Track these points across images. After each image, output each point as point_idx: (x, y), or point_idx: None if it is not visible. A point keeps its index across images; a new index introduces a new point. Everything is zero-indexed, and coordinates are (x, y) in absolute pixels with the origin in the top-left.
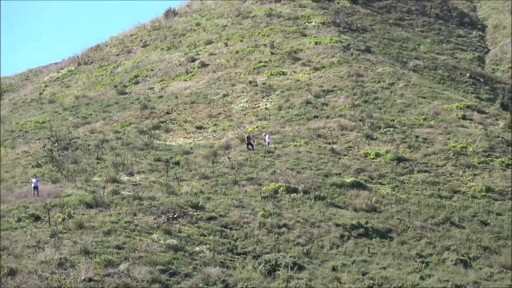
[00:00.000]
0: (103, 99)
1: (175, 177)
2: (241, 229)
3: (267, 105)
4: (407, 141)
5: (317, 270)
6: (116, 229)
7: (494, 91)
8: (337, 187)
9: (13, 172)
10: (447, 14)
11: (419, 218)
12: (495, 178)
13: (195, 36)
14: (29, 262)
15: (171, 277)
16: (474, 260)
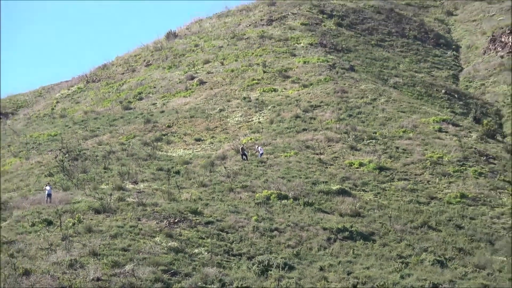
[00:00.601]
0: (109, 114)
1: (175, 185)
2: (237, 232)
3: (260, 119)
4: (388, 152)
5: (306, 270)
6: (122, 233)
7: (467, 106)
8: (324, 194)
9: (28, 180)
10: (424, 35)
11: (399, 222)
12: (468, 186)
13: (194, 56)
14: (42, 263)
15: (172, 277)
16: (449, 260)
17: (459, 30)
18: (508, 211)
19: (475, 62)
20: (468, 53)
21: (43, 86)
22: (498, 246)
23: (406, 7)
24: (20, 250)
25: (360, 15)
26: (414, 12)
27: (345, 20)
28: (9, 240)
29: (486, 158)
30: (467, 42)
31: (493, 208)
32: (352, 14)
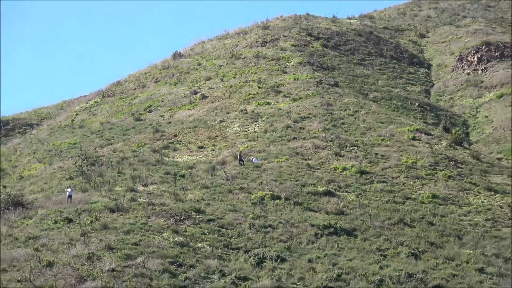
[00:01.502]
0: (123, 125)
1: (181, 187)
2: (235, 229)
3: (255, 129)
4: (368, 158)
5: (296, 262)
6: (134, 229)
7: (438, 117)
8: (312, 195)
9: (51, 183)
10: (400, 55)
11: (378, 220)
12: (439, 187)
13: (197, 73)
14: (63, 256)
15: (178, 268)
16: (422, 253)
17: (430, 50)
18: (474, 210)
19: (444, 78)
20: (438, 71)
21: (64, 100)
22: (465, 240)
23: (384, 30)
24: (44, 244)
25: (343, 37)
26: (391, 35)
27: (330, 42)
28: (34, 236)
29: (454, 163)
30: (437, 61)
31: (461, 207)
32: (336, 37)
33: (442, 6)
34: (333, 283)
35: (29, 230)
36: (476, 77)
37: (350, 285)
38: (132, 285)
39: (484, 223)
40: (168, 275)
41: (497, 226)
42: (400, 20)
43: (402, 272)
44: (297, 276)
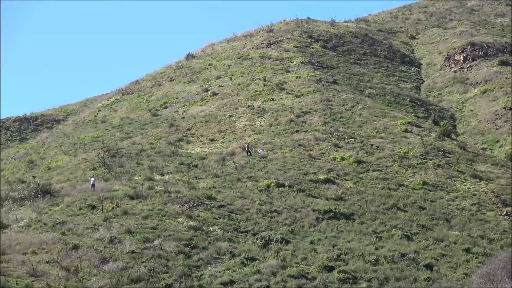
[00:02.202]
0: (141, 120)
1: (194, 176)
2: (243, 214)
3: (261, 123)
4: (364, 148)
5: (299, 244)
6: (152, 215)
7: (428, 111)
8: (313, 182)
9: (76, 173)
10: (392, 55)
11: (374, 205)
12: (429, 175)
13: (208, 73)
14: (87, 239)
15: (192, 250)
16: (414, 235)
17: (420, 50)
18: (461, 195)
19: (433, 76)
20: (428, 69)
21: (87, 98)
22: (453, 223)
23: (378, 32)
24: (70, 229)
25: (341, 39)
26: (384, 37)
27: (329, 43)
28: (61, 221)
29: (443, 153)
30: (427, 60)
31: (449, 193)
32: (334, 38)
33: (431, 10)
34: (333, 262)
35: (56, 216)
36: (462, 74)
37: (349, 265)
38: (150, 265)
39: (470, 208)
40: (183, 256)
41: (482, 210)
42: (392, 23)
43: (395, 252)
44: (300, 257)
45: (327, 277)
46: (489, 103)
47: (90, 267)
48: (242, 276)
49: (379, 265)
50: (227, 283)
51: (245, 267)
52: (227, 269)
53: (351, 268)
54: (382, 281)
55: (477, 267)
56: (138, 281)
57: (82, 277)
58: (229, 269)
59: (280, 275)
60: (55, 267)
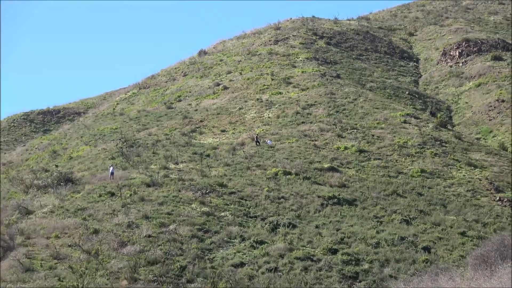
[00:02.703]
0: (156, 112)
1: (206, 165)
2: (253, 200)
3: (269, 115)
4: (366, 138)
5: (305, 228)
6: (167, 201)
7: (425, 103)
8: (318, 170)
9: (96, 163)
10: (392, 51)
11: (375, 191)
12: (427, 163)
13: (219, 68)
14: (107, 224)
15: (205, 234)
16: (413, 219)
17: (418, 46)
18: (457, 182)
19: (430, 70)
20: (425, 64)
21: (106, 92)
22: (449, 208)
23: (378, 29)
24: (90, 214)
25: (344, 36)
26: (384, 34)
27: (333, 40)
28: (82, 207)
29: (439, 142)
30: (424, 55)
31: (445, 180)
32: (337, 35)
33: (428, 8)
34: (337, 245)
35: (78, 203)
36: (457, 69)
37: (351, 247)
38: (166, 248)
39: (465, 194)
40: (196, 240)
41: (476, 196)
42: (392, 21)
43: (395, 236)
44: (306, 240)
45: (331, 259)
46: (483, 96)
47: (110, 250)
48: (252, 258)
49: (380, 248)
50: (237, 265)
51: (255, 250)
52: (238, 252)
53: (354, 251)
54: (383, 262)
55: (472, 249)
56: (155, 263)
57: (102, 260)
58: (239, 252)
59: (287, 257)
60: (76, 250)
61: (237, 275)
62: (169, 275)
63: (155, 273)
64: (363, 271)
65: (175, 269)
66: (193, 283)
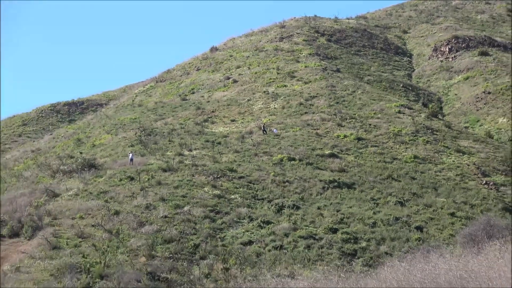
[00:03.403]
0: (172, 104)
1: (218, 151)
2: (260, 183)
3: (275, 106)
4: (364, 127)
5: (308, 209)
6: (181, 185)
7: (418, 95)
8: (320, 157)
9: (116, 150)
10: (387, 47)
11: (372, 175)
12: (419, 150)
13: (229, 63)
14: (127, 206)
15: (216, 215)
16: (407, 201)
17: (411, 43)
18: (447, 167)
19: (422, 65)
20: (418, 59)
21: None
22: (440, 191)
23: (375, 27)
24: (112, 197)
25: (343, 34)
26: (380, 31)
27: (333, 37)
28: (104, 190)
29: (431, 131)
30: (417, 51)
31: (436, 165)
32: (338, 33)
33: (421, 8)
34: (337, 225)
35: (100, 186)
36: (447, 63)
37: (350, 227)
38: (181, 228)
39: (455, 178)
40: (208, 220)
41: (464, 180)
42: (387, 19)
43: (391, 216)
44: (309, 220)
45: (332, 238)
46: (471, 88)
47: (129, 230)
48: (259, 237)
49: (377, 227)
50: (246, 243)
51: (262, 229)
52: (246, 231)
53: (353, 230)
54: (379, 241)
55: (460, 229)
56: (170, 242)
57: (122, 238)
58: (248, 231)
59: (291, 236)
60: (99, 230)
61: (246, 252)
62: (183, 252)
63: (171, 251)
64: (361, 248)
65: (189, 247)
66: (205, 259)
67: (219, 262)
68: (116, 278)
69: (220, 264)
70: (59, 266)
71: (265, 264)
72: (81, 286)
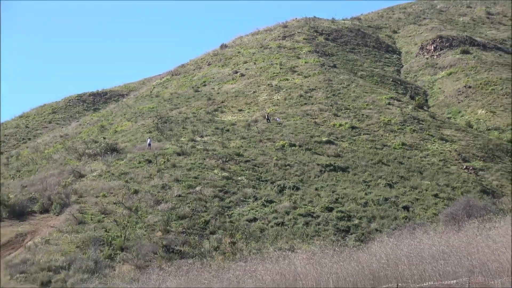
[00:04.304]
0: (186, 95)
1: (226, 138)
2: (264, 167)
3: (278, 97)
4: (357, 117)
5: (307, 190)
6: (194, 167)
7: (406, 89)
8: (318, 143)
9: (136, 135)
10: (379, 45)
11: (364, 160)
12: (406, 138)
13: (237, 59)
14: (145, 186)
15: (224, 194)
16: (395, 183)
17: (400, 42)
18: (431, 153)
19: (410, 62)
20: (406, 56)
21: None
22: (425, 174)
23: (368, 28)
24: (131, 178)
25: (339, 33)
26: (373, 31)
27: (330, 36)
28: (125, 172)
29: (417, 120)
30: (405, 49)
31: (421, 151)
32: (334, 32)
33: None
34: (332, 204)
35: (121, 168)
36: (432, 60)
37: (344, 206)
38: (193, 206)
39: (438, 163)
40: (217, 199)
41: (447, 165)
42: (379, 21)
43: (380, 197)
44: (307, 200)
45: (328, 216)
46: (453, 83)
47: (147, 207)
48: (263, 214)
49: (368, 207)
50: (251, 219)
51: (265, 208)
52: (251, 209)
53: (346, 209)
54: (370, 218)
55: (443, 208)
56: (183, 218)
57: (141, 215)
58: (253, 209)
59: (292, 214)
60: (120, 207)
61: (251, 228)
62: (195, 227)
63: (184, 226)
64: (354, 225)
65: (200, 223)
66: (214, 234)
67: (227, 237)
68: (135, 250)
69: (227, 238)
70: (84, 239)
71: (268, 239)
72: (103, 257)
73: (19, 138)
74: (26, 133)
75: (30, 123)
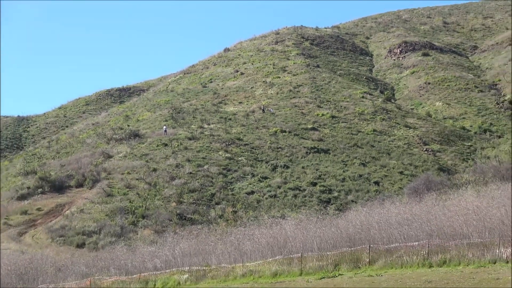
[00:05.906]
0: (195, 90)
1: (229, 125)
2: (260, 149)
3: (271, 92)
4: (336, 108)
5: (295, 168)
6: (202, 149)
7: (377, 85)
8: (304, 129)
9: (154, 123)
10: (355, 49)
11: (342, 144)
12: (377, 125)
13: (238, 60)
14: (162, 165)
15: (227, 172)
16: (368, 163)
17: (372, 46)
18: (397, 138)
19: (380, 62)
20: (377, 58)
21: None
22: (392, 155)
23: (345, 34)
24: (151, 158)
25: (322, 39)
26: (349, 37)
27: (315, 41)
28: (145, 153)
29: (386, 111)
30: (376, 52)
31: (389, 136)
32: (318, 38)
33: (379, 20)
34: (316, 180)
35: (142, 150)
36: (398, 62)
37: (326, 181)
38: (201, 181)
39: (403, 146)
40: (222, 176)
41: (410, 147)
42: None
43: (356, 174)
44: (296, 176)
45: (312, 189)
46: (416, 80)
47: (164, 182)
48: (259, 188)
49: (345, 182)
50: (249, 192)
51: (261, 183)
52: (250, 184)
53: (328, 184)
54: (347, 192)
55: (407, 183)
56: (194, 191)
57: (158, 188)
58: (251, 184)
59: (283, 188)
60: (142, 182)
61: (249, 200)
62: (203, 199)
63: (194, 198)
64: (334, 197)
65: (207, 195)
66: (219, 204)
67: (230, 207)
68: (154, 217)
69: (230, 208)
70: (112, 209)
71: (263, 208)
72: (128, 223)
73: (59, 126)
74: (64, 121)
75: (67, 113)
